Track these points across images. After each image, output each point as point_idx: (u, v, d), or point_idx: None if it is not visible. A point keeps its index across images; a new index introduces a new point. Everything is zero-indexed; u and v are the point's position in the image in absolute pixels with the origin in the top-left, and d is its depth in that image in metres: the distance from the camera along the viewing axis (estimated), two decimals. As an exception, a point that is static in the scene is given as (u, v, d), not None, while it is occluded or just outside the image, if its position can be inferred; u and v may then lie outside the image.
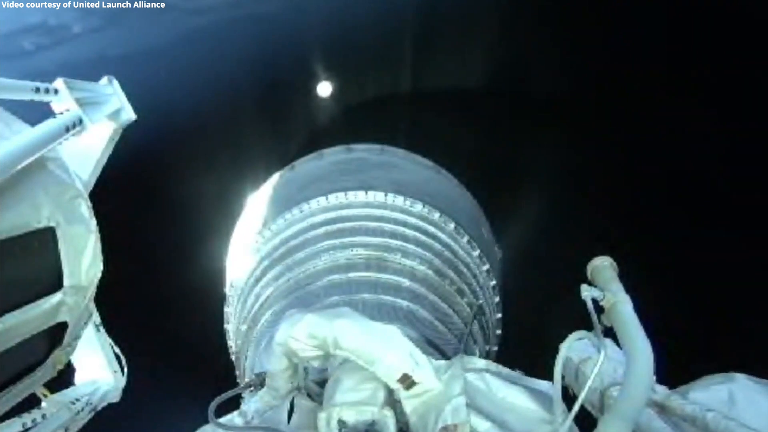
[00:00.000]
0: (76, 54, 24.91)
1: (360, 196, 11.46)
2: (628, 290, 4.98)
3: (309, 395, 6.44)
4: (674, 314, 16.84)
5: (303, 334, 5.49)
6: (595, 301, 4.84)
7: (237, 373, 11.35)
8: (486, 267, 12.22)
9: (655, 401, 4.93)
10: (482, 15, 24.42)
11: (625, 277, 5.14)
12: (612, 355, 5.28)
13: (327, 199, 11.45)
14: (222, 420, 5.82)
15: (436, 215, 11.53)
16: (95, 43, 25.76)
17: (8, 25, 26.06)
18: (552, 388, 4.92)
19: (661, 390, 5.04)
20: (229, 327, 12.37)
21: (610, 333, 4.72)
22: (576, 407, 4.36)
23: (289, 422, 6.00)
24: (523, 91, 24.42)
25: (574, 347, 5.89)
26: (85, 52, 25.58)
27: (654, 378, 4.82)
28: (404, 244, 10.75)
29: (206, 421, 5.52)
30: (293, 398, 6.26)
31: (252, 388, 6.76)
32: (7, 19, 25.98)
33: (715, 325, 17.96)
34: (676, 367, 5.39)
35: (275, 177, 13.81)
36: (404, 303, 9.56)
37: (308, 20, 25.83)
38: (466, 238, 11.80)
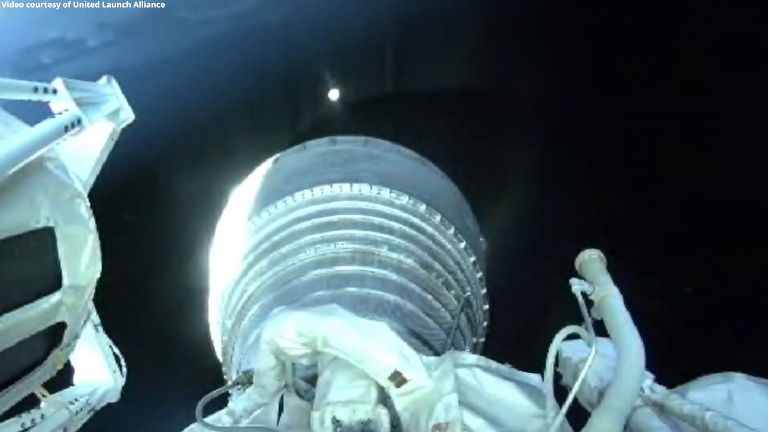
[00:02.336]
0: (92, 66, 25.59)
1: (345, 188, 11.44)
2: (619, 284, 5.02)
3: (297, 392, 6.40)
4: (671, 312, 16.98)
5: (291, 333, 5.44)
6: (584, 294, 4.88)
7: (224, 369, 11.33)
8: (472, 259, 12.25)
9: (654, 401, 4.97)
10: (466, 17, 24.53)
11: (617, 273, 5.18)
12: (611, 354, 5.31)
13: (312, 191, 11.42)
14: (209, 419, 5.72)
15: (422, 207, 11.54)
16: (110, 56, 26.75)
17: (27, 40, 27.17)
18: (542, 382, 4.94)
19: (660, 389, 5.07)
20: (215, 322, 12.35)
21: (602, 327, 4.75)
22: (568, 401, 4.35)
23: (278, 421, 5.97)
24: (513, 86, 24.49)
25: (572, 347, 5.93)
26: (100, 64, 26.29)
27: (648, 373, 4.90)
28: (390, 237, 10.74)
29: (195, 421, 5.50)
30: (282, 396, 6.23)
31: (240, 387, 6.72)
32: (26, 36, 27.05)
33: (714, 324, 18.05)
34: (675, 366, 5.43)
35: (259, 169, 13.76)
36: (391, 296, 9.53)
37: (308, 27, 26.39)
38: (452, 230, 11.82)
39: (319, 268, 10.04)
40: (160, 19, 26.33)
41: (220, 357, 11.87)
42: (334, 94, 27.22)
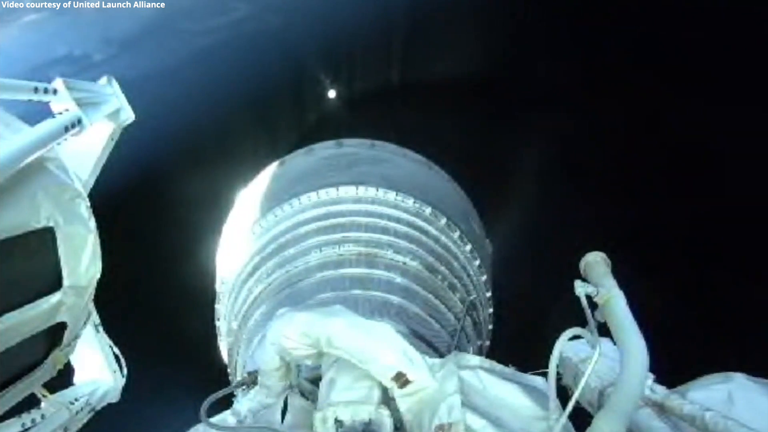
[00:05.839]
0: (98, 79, 26.59)
1: (351, 191, 11.48)
2: (622, 286, 4.99)
3: (302, 393, 6.41)
4: (672, 313, 16.92)
5: (296, 333, 5.43)
6: (588, 297, 4.85)
7: (229, 370, 11.32)
8: (477, 262, 12.24)
9: (654, 401, 4.96)
10: (471, 10, 24.57)
11: (621, 273, 5.15)
12: (611, 355, 5.29)
13: (318, 194, 11.45)
14: (214, 419, 5.74)
15: (428, 210, 11.55)
16: (114, 68, 27.72)
17: (37, 58, 28.18)
18: (546, 384, 4.91)
19: (660, 389, 5.07)
20: (221, 324, 12.35)
21: (605, 329, 4.73)
22: (571, 404, 4.34)
23: (282, 421, 5.97)
24: (515, 85, 24.54)
25: (573, 348, 5.91)
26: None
27: (648, 373, 4.86)
28: (396, 239, 10.75)
29: (200, 421, 5.50)
30: (286, 397, 6.23)
31: (244, 387, 6.72)
32: (36, 54, 28.16)
33: (715, 324, 18.00)
34: (676, 366, 5.42)
35: (265, 172, 13.78)
36: (396, 299, 9.54)
37: (306, 31, 26.83)
38: (457, 233, 11.83)
39: (324, 270, 10.06)
40: (162, 31, 27.16)
41: (225, 358, 11.87)
42: (333, 94, 27.55)
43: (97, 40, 27.70)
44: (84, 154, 5.52)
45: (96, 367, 6.28)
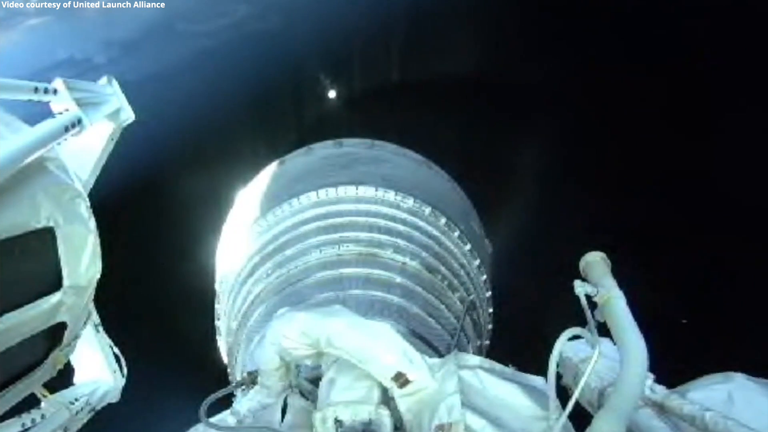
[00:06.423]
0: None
1: (350, 191, 11.45)
2: (622, 286, 4.98)
3: (301, 393, 6.40)
4: (673, 313, 16.92)
5: (295, 333, 5.43)
6: (588, 297, 4.84)
7: (229, 370, 11.30)
8: (477, 262, 12.22)
9: (654, 401, 4.94)
10: (470, 9, 24.57)
11: (621, 273, 5.14)
12: (611, 355, 5.28)
13: (317, 194, 11.43)
14: (214, 419, 5.72)
15: (427, 210, 11.53)
16: (116, 71, 27.42)
17: (39, 62, 28.62)
18: (546, 384, 4.90)
19: (660, 389, 5.05)
20: (220, 324, 12.33)
21: (605, 329, 4.71)
22: (570, 403, 4.31)
23: (282, 421, 5.96)
24: (514, 84, 24.54)
25: (573, 348, 5.90)
26: (107, 78, 27.75)
27: (648, 373, 4.85)
28: (395, 239, 10.73)
29: (199, 421, 5.48)
30: (286, 397, 6.21)
31: (244, 387, 6.70)
32: (38, 58, 28.61)
33: (715, 323, 17.98)
34: (676, 366, 5.40)
35: (265, 172, 13.76)
36: (395, 299, 9.53)
37: (306, 31, 26.93)
38: (457, 233, 11.80)
39: (324, 270, 10.04)
40: (162, 33, 27.37)
41: (225, 358, 11.86)
42: (333, 94, 27.67)
43: (98, 42, 28.04)
44: (84, 154, 5.50)
45: (96, 367, 6.24)
